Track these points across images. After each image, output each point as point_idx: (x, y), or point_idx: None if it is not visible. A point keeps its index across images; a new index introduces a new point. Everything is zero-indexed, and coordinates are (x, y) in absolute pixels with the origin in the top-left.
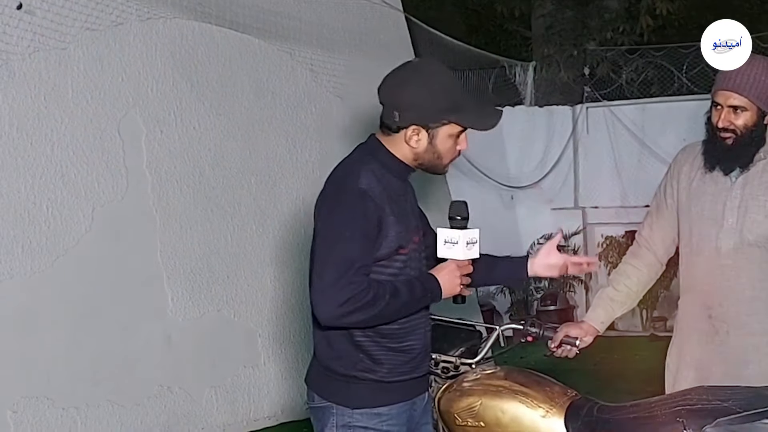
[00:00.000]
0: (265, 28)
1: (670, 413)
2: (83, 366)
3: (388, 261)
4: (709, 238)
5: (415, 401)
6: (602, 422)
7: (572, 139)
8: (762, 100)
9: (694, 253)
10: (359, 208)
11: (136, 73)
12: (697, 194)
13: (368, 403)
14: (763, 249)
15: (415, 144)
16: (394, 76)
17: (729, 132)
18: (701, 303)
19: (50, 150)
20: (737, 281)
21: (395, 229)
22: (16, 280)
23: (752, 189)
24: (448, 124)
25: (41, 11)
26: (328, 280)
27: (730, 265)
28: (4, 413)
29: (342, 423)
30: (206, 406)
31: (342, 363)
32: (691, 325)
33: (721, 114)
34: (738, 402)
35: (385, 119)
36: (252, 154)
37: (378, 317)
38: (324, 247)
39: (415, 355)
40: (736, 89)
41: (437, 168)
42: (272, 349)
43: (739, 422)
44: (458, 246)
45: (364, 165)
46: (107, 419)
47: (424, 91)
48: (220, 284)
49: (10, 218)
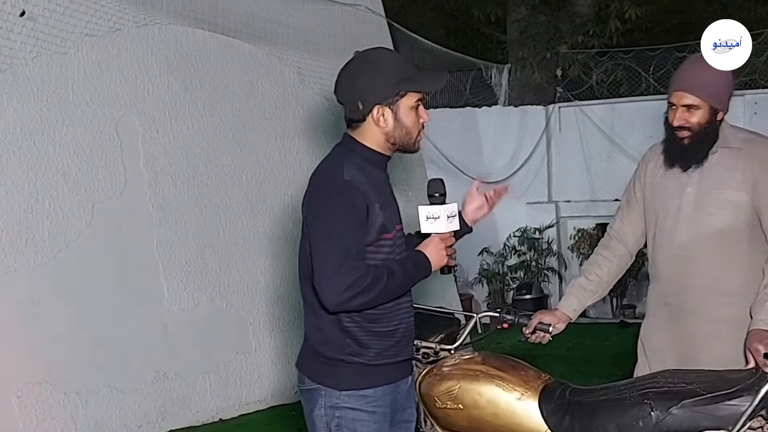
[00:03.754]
0: (254, 34)
1: (638, 395)
2: (84, 353)
3: (375, 247)
4: (668, 230)
5: (399, 384)
6: (574, 404)
7: (545, 137)
8: (713, 99)
9: (656, 245)
10: (348, 199)
11: (133, 76)
12: (660, 189)
13: (355, 385)
14: (718, 240)
15: (383, 123)
16: (345, 72)
17: (685, 130)
18: (661, 291)
19: (52, 149)
20: (693, 271)
21: (381, 215)
22: (20, 272)
23: (707, 182)
24: (405, 95)
25: (43, 18)
26: (330, 270)
27: (686, 255)
28: (9, 398)
29: (330, 404)
30: (200, 390)
31: (331, 347)
32: (653, 311)
33: (677, 113)
34: (703, 385)
35: (351, 114)
36: (243, 153)
37: (379, 297)
38: (321, 240)
39: (399, 339)
40: (689, 90)
41: (409, 144)
42: (263, 337)
43: (703, 404)
44: (440, 220)
45: (346, 159)
46: (107, 403)
47: (375, 73)
48: (213, 275)
49: (15, 214)
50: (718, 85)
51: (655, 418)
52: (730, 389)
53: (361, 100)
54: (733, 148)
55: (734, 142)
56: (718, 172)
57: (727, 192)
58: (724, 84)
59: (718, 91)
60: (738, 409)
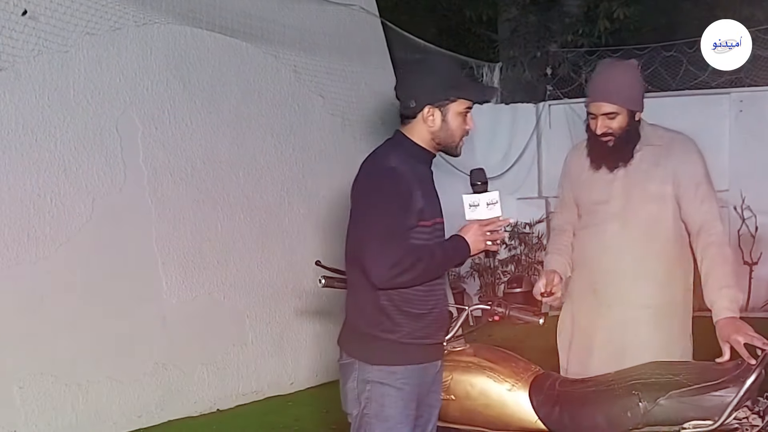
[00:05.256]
0: (251, 33)
1: (626, 386)
2: (85, 345)
3: (414, 232)
4: (598, 223)
5: (427, 367)
6: (564, 395)
7: (536, 134)
8: (629, 102)
9: (584, 236)
10: (392, 184)
11: (132, 75)
12: (588, 185)
13: (386, 361)
14: (645, 231)
15: (431, 123)
16: (404, 72)
17: (608, 136)
18: (588, 279)
19: (53, 146)
20: (620, 260)
21: (421, 203)
22: (22, 266)
23: (633, 178)
24: (456, 101)
25: (44, 17)
26: (376, 249)
27: (614, 246)
28: (11, 388)
29: (362, 378)
30: (198, 381)
31: (366, 322)
32: (579, 298)
33: (598, 122)
34: (689, 376)
35: (404, 110)
36: (240, 149)
37: (422, 275)
38: (367, 222)
39: (430, 322)
40: (605, 98)
41: (451, 147)
42: (259, 329)
43: (690, 395)
44: (480, 207)
45: (393, 151)
46: (107, 394)
47: (431, 76)
48: (211, 269)
49: (17, 209)
50: (631, 88)
51: (642, 409)
52: (716, 380)
53: (415, 98)
54: (656, 145)
55: (655, 140)
56: (643, 168)
57: (651, 186)
58: (636, 85)
59: (632, 94)
60: (724, 399)
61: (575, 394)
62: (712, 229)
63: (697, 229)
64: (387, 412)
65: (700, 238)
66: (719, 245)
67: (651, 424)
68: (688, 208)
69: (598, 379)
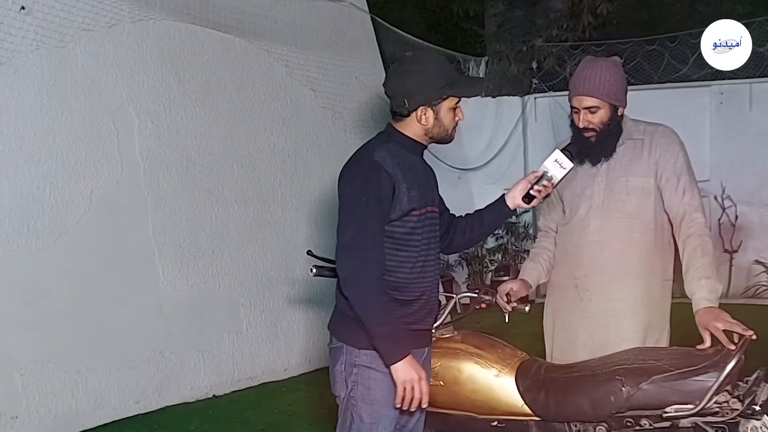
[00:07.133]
0: (244, 29)
1: (610, 372)
2: (84, 333)
3: (400, 221)
4: (581, 218)
5: (414, 353)
6: (549, 380)
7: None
8: (611, 97)
9: (567, 231)
10: (373, 177)
11: (128, 70)
12: (572, 182)
13: (372, 346)
14: (627, 225)
15: (425, 122)
16: (396, 70)
17: (590, 131)
18: (570, 273)
19: (52, 139)
20: (602, 254)
21: (407, 194)
22: (22, 257)
23: (615, 172)
24: (448, 98)
25: (42, 13)
26: (347, 240)
27: (597, 240)
28: (12, 375)
29: (350, 361)
30: (194, 368)
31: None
32: (561, 292)
33: (580, 116)
34: (671, 361)
35: (396, 108)
36: (234, 142)
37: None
38: (345, 212)
39: (417, 309)
40: (587, 93)
41: (444, 138)
42: (253, 317)
43: (672, 379)
44: (554, 163)
45: (381, 144)
46: (105, 381)
47: (424, 76)
48: (207, 259)
49: (17, 201)
50: (614, 83)
51: (626, 393)
52: (698, 365)
53: (408, 99)
54: (637, 139)
55: (637, 134)
56: (625, 161)
57: (634, 179)
58: (619, 81)
59: (614, 89)
60: (705, 384)
61: (560, 380)
62: (694, 220)
63: (680, 220)
64: (373, 395)
65: (681, 228)
66: (700, 236)
67: (634, 407)
68: (671, 199)
69: (582, 364)
